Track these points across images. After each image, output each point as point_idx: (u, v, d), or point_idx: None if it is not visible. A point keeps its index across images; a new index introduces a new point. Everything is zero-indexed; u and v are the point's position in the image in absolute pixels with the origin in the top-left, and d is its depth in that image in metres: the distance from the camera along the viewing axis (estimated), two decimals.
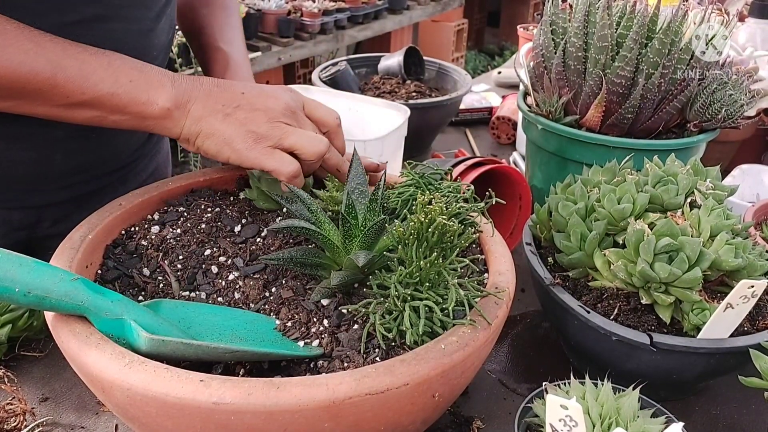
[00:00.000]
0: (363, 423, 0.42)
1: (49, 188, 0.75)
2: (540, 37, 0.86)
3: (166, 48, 0.80)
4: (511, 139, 1.36)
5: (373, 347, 0.48)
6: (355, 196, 0.58)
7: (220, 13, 0.87)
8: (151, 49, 0.74)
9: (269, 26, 2.78)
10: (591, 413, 0.49)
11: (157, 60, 0.77)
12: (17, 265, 0.44)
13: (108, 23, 0.66)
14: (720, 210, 0.60)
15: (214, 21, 0.86)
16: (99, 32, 0.65)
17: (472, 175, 0.82)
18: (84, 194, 0.78)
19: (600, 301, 0.61)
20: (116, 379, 0.41)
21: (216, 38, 0.84)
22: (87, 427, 0.59)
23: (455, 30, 4.41)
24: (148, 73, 0.60)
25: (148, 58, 0.72)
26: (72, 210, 0.77)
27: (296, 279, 0.57)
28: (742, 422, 0.64)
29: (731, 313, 0.55)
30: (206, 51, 0.84)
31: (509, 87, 1.75)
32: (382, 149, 0.97)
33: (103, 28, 0.66)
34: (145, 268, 0.59)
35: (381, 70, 1.44)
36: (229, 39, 0.84)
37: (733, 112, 0.78)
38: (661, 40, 0.74)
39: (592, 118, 0.80)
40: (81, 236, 0.58)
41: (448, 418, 0.61)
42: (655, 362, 0.58)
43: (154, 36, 0.73)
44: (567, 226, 0.64)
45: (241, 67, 0.81)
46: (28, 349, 0.67)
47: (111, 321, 0.45)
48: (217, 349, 0.45)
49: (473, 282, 0.50)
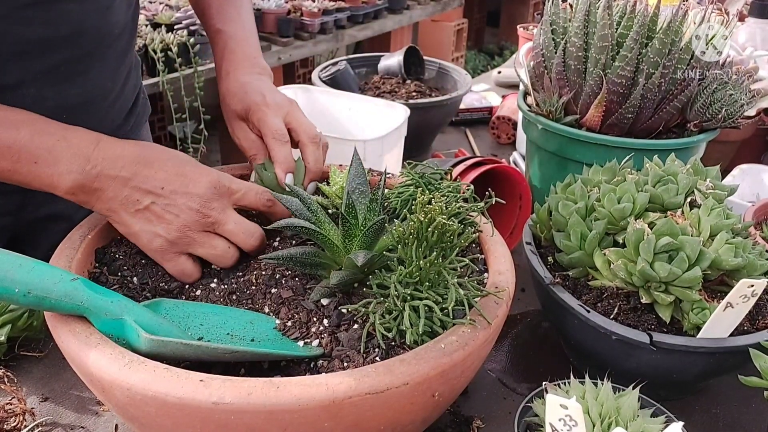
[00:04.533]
0: (363, 422, 0.42)
1: None
2: (540, 37, 0.86)
3: (129, 24, 0.77)
4: (511, 139, 1.36)
5: (373, 347, 0.48)
6: (356, 196, 0.58)
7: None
8: (111, 27, 0.72)
9: (269, 26, 2.77)
10: (591, 413, 0.49)
11: (122, 38, 0.75)
12: (17, 265, 0.44)
13: (63, 4, 0.64)
14: (720, 209, 0.60)
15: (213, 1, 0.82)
16: (54, 13, 0.64)
17: (472, 174, 0.82)
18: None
19: (600, 301, 0.61)
20: (116, 379, 0.41)
21: (215, 19, 0.80)
22: (87, 427, 0.59)
23: (455, 30, 4.41)
24: (58, 153, 0.55)
25: (109, 37, 0.72)
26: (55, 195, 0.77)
27: (296, 279, 0.57)
28: (742, 421, 0.64)
29: (731, 312, 0.55)
30: (209, 35, 0.82)
31: (509, 87, 1.75)
32: (382, 149, 0.97)
33: (58, 8, 0.64)
34: (145, 268, 0.59)
35: (381, 69, 1.44)
36: (228, 17, 0.80)
37: (734, 111, 0.78)
38: (662, 40, 0.74)
39: (592, 117, 0.80)
40: (81, 236, 0.58)
41: (447, 418, 0.61)
42: (655, 361, 0.58)
43: (111, 14, 0.71)
44: (567, 226, 0.64)
45: (241, 46, 0.77)
46: (28, 349, 0.67)
47: (111, 321, 0.45)
48: (217, 349, 0.45)
49: (473, 281, 0.50)
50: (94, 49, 0.71)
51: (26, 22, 0.62)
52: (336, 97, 1.15)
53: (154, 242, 0.57)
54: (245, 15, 0.83)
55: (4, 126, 0.55)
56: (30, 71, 0.65)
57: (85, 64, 0.71)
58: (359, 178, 0.60)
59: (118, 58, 0.77)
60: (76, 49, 0.68)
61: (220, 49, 0.78)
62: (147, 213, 0.57)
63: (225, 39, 0.78)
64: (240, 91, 0.71)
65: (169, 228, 0.57)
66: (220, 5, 0.81)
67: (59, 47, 0.66)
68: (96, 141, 0.57)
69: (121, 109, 0.83)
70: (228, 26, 0.79)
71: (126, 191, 0.56)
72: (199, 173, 0.59)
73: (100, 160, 0.56)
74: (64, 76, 0.68)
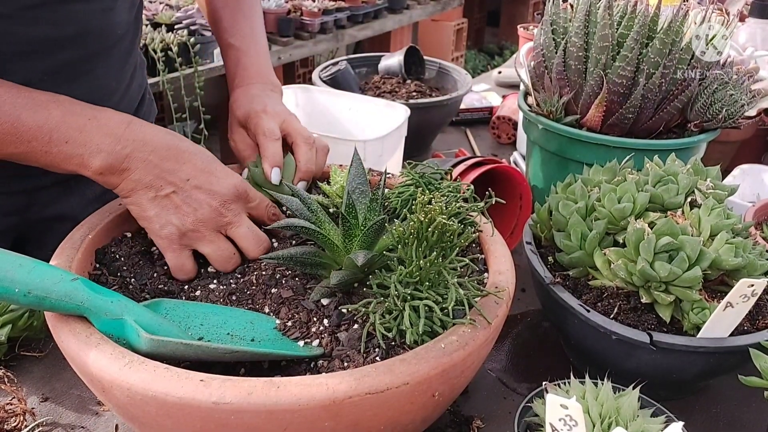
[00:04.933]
0: (363, 422, 0.42)
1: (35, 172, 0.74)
2: (541, 37, 0.86)
3: (132, 24, 0.78)
4: (512, 139, 1.36)
5: (373, 347, 0.48)
6: (356, 196, 0.58)
7: (231, 2, 0.84)
8: (114, 27, 0.72)
9: (269, 25, 2.77)
10: (591, 412, 0.49)
11: (126, 38, 0.76)
12: (17, 265, 0.44)
13: (70, 4, 0.65)
14: (720, 209, 0.60)
15: (225, 13, 0.83)
16: (62, 13, 0.64)
17: (472, 174, 0.82)
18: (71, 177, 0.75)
19: (600, 300, 0.61)
20: (116, 379, 0.41)
21: (228, 33, 0.81)
22: (87, 427, 0.59)
23: (455, 29, 4.41)
24: (89, 132, 0.56)
25: (113, 37, 0.72)
26: (61, 194, 0.77)
27: (296, 278, 0.57)
28: (742, 421, 0.64)
29: (731, 312, 0.55)
30: (221, 47, 0.82)
31: (509, 87, 1.75)
32: (382, 149, 0.97)
33: (65, 9, 0.65)
34: (144, 269, 0.59)
35: (381, 69, 1.44)
36: (241, 31, 0.81)
37: (734, 112, 0.78)
38: (662, 40, 0.74)
39: (592, 117, 0.80)
40: (81, 236, 0.58)
41: (447, 418, 0.61)
42: (655, 361, 0.58)
43: (114, 14, 0.72)
44: (567, 226, 0.64)
45: (254, 63, 0.79)
46: (28, 349, 0.67)
47: (111, 321, 0.45)
48: (217, 349, 0.45)
49: (473, 281, 0.50)
50: (98, 48, 0.71)
51: (32, 22, 0.63)
52: (336, 97, 1.15)
53: (165, 229, 0.58)
54: (257, 29, 0.84)
55: (34, 106, 0.55)
56: (36, 71, 0.65)
57: (90, 64, 0.71)
58: (359, 178, 0.60)
59: (122, 57, 0.77)
60: (81, 49, 0.69)
61: (232, 65, 0.79)
62: (166, 201, 0.58)
63: (238, 55, 0.79)
64: (246, 102, 0.73)
65: (184, 219, 0.58)
66: (233, 18, 0.82)
67: (65, 47, 0.67)
68: (127, 122, 0.58)
69: (127, 109, 0.83)
70: (241, 42, 0.80)
71: (151, 177, 0.57)
72: (225, 173, 0.61)
73: (130, 141, 0.57)
74: (69, 76, 0.69)
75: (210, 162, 0.61)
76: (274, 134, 0.68)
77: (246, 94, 0.74)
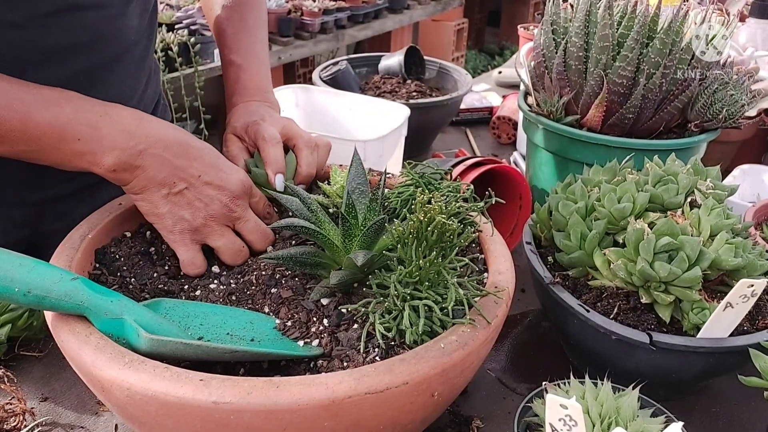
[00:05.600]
0: (362, 422, 0.42)
1: (47, 184, 0.74)
2: (541, 37, 0.86)
3: (145, 30, 0.77)
4: (512, 139, 1.36)
5: (372, 346, 0.48)
6: (356, 196, 0.58)
7: (235, 15, 0.83)
8: (126, 33, 0.72)
9: (269, 25, 2.76)
10: (590, 413, 0.49)
11: (139, 44, 0.76)
12: (17, 264, 0.44)
13: (82, 11, 0.65)
14: (720, 209, 0.60)
15: (228, 26, 0.82)
16: (74, 21, 0.64)
17: (472, 174, 0.82)
18: (83, 188, 0.77)
19: (600, 300, 0.61)
20: (116, 379, 0.41)
21: (229, 48, 0.81)
22: (87, 427, 0.59)
23: (455, 29, 4.41)
24: (102, 129, 0.55)
25: (125, 42, 0.72)
26: (74, 205, 0.77)
27: (296, 278, 0.57)
28: (741, 421, 0.64)
29: (731, 312, 0.55)
30: (222, 62, 0.82)
31: (510, 87, 1.75)
32: (382, 149, 0.97)
33: (78, 15, 0.65)
34: (144, 269, 0.59)
35: (381, 69, 1.44)
36: (242, 47, 0.81)
37: (734, 112, 0.78)
38: (662, 40, 0.74)
39: (592, 118, 0.80)
40: (81, 236, 0.58)
41: (447, 418, 0.61)
42: (655, 361, 0.57)
43: (126, 19, 0.72)
44: (567, 226, 0.64)
45: (253, 80, 0.79)
46: (28, 349, 0.67)
47: (111, 321, 0.45)
48: (217, 349, 0.45)
49: (473, 281, 0.50)
50: (112, 55, 0.71)
51: (45, 31, 0.62)
52: (336, 97, 1.15)
53: (177, 225, 0.58)
54: (259, 45, 0.83)
55: (43, 103, 0.54)
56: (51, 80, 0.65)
57: (105, 72, 0.71)
58: (359, 178, 0.60)
59: (137, 64, 0.77)
60: (94, 57, 0.69)
61: (231, 82, 0.79)
62: (178, 197, 0.58)
63: (237, 72, 0.79)
64: (245, 115, 0.73)
65: (196, 215, 0.58)
66: (236, 33, 0.82)
67: (78, 55, 0.67)
68: (138, 118, 0.58)
69: None
70: (241, 58, 0.80)
71: (165, 174, 0.57)
72: (232, 169, 0.62)
73: (143, 138, 0.57)
74: (84, 84, 0.68)
75: (217, 158, 0.61)
76: (274, 138, 0.68)
77: (245, 110, 0.75)
